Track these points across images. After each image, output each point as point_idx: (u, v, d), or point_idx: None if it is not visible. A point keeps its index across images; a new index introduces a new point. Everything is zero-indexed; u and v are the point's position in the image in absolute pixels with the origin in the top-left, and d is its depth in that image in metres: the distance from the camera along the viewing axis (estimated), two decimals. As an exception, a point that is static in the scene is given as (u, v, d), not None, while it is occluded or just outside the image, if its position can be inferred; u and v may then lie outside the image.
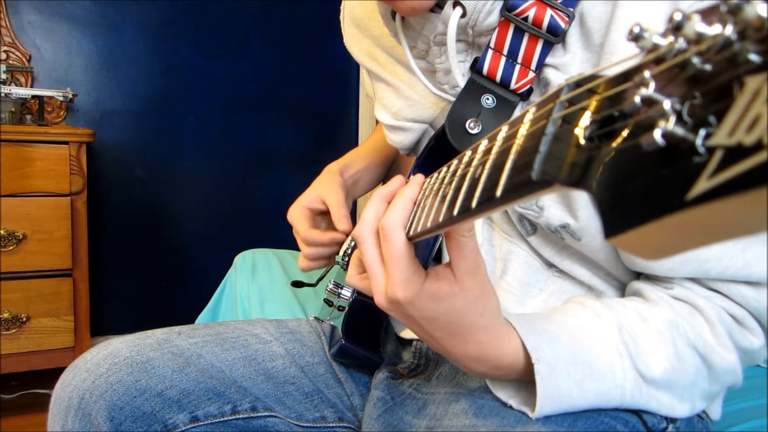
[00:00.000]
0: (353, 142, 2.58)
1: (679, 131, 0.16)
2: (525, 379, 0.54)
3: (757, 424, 0.88)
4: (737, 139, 0.14)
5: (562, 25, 0.54)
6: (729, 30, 0.16)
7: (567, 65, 0.56)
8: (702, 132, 0.16)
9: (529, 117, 0.28)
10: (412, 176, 0.49)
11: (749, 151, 0.14)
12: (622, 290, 0.63)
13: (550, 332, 0.52)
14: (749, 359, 0.57)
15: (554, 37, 0.55)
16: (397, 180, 0.50)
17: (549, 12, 0.54)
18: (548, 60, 0.57)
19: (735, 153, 0.15)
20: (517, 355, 0.51)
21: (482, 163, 0.33)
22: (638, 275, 0.61)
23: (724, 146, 0.15)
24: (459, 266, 0.45)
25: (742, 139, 0.14)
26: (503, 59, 0.58)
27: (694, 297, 0.55)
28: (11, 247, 1.67)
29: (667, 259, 0.51)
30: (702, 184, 0.15)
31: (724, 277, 0.53)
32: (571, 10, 0.54)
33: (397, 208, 0.46)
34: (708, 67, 0.17)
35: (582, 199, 0.55)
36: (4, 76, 1.86)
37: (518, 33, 0.56)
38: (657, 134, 0.17)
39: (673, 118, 0.17)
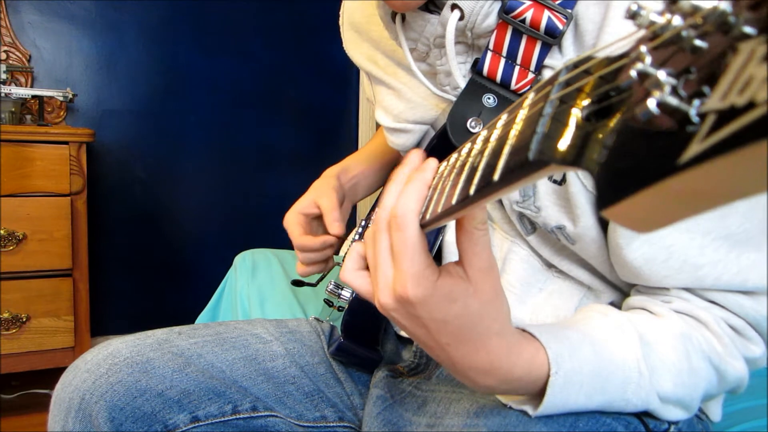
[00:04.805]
0: (353, 143, 2.58)
1: (673, 101, 0.16)
2: (533, 392, 0.51)
3: (757, 424, 0.87)
4: (730, 102, 0.14)
5: (560, 26, 0.53)
6: (724, 3, 0.16)
7: None
8: (696, 102, 0.16)
9: (527, 102, 0.28)
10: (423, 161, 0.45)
11: (741, 110, 0.14)
12: (621, 292, 0.63)
13: (572, 340, 0.50)
14: (751, 367, 0.56)
15: (552, 38, 0.54)
16: (415, 154, 0.46)
17: (546, 14, 0.53)
18: (546, 61, 0.56)
19: (727, 114, 0.15)
20: (528, 367, 0.48)
21: (481, 152, 0.33)
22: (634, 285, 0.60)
23: (717, 110, 0.15)
24: (472, 263, 0.42)
25: (734, 101, 0.14)
26: (502, 61, 0.58)
27: (695, 310, 0.54)
28: (11, 247, 1.67)
29: (663, 267, 0.52)
30: (694, 147, 0.15)
31: (719, 285, 0.52)
32: (569, 11, 0.53)
33: (411, 194, 0.41)
34: (703, 42, 0.17)
35: (582, 205, 0.54)
36: (4, 76, 1.86)
37: (516, 35, 0.56)
38: (651, 103, 0.17)
39: (668, 88, 0.17)
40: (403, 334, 0.81)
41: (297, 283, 1.02)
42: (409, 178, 0.43)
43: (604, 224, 0.56)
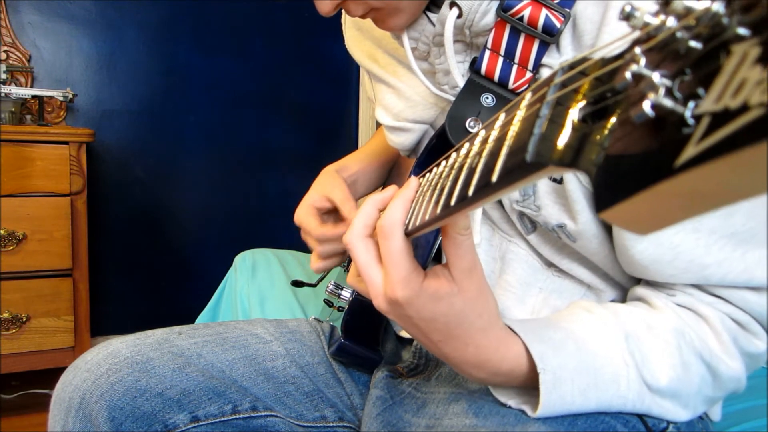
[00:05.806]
0: (353, 143, 2.58)
1: (668, 103, 0.17)
2: (526, 386, 0.53)
3: (757, 425, 0.87)
4: (724, 104, 0.15)
5: (557, 24, 0.53)
6: (717, 4, 0.16)
7: None
8: (691, 104, 0.16)
9: (525, 103, 0.28)
10: (411, 175, 0.48)
11: (735, 113, 0.14)
12: (622, 289, 0.63)
13: (555, 340, 0.51)
14: (754, 363, 0.56)
15: (550, 37, 0.54)
16: (391, 189, 0.50)
17: (544, 12, 0.53)
18: (544, 60, 0.56)
19: (721, 117, 0.15)
20: (518, 361, 0.50)
21: (479, 153, 0.33)
22: (638, 279, 0.60)
23: (711, 112, 0.15)
24: (456, 265, 0.45)
25: (728, 104, 0.14)
26: (500, 59, 0.58)
27: (697, 304, 0.54)
28: (11, 247, 1.67)
29: (669, 267, 0.53)
30: (690, 150, 0.15)
31: (725, 283, 0.52)
32: (567, 10, 0.54)
33: (396, 207, 0.45)
34: (697, 43, 0.17)
35: (581, 202, 0.55)
36: (4, 76, 1.86)
37: (514, 33, 0.56)
38: (646, 105, 0.17)
39: (662, 90, 0.17)
40: (402, 334, 0.81)
41: (297, 284, 1.02)
42: (395, 195, 0.47)
43: (604, 221, 0.56)
